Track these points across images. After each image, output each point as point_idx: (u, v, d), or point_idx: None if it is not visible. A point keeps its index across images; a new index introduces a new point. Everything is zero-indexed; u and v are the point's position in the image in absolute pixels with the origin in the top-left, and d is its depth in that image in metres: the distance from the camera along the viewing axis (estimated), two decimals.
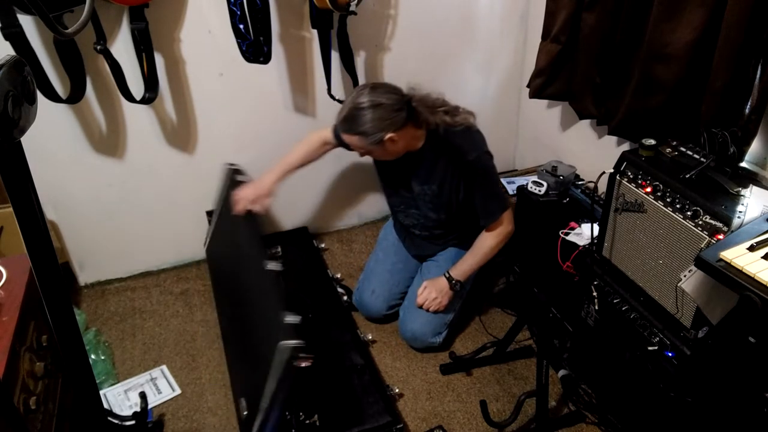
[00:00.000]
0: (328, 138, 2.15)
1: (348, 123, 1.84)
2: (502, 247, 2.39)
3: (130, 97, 2.09)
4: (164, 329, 2.30)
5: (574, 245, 1.82)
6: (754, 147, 1.61)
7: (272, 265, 1.74)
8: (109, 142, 2.26)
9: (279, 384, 1.44)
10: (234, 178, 2.17)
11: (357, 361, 1.95)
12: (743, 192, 1.36)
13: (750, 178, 1.45)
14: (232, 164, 2.26)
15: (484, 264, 2.09)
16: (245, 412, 1.65)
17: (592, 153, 2.34)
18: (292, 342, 1.42)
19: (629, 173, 1.56)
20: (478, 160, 1.93)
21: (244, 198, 2.04)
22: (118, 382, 2.05)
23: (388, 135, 1.82)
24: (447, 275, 2.07)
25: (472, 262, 2.07)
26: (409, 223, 2.20)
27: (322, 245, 2.64)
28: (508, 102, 2.80)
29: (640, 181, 1.53)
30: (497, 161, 2.86)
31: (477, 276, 2.25)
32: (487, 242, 2.04)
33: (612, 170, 1.61)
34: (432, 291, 2.08)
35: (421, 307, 2.08)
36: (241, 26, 2.02)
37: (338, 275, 2.44)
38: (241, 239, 2.05)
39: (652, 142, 1.56)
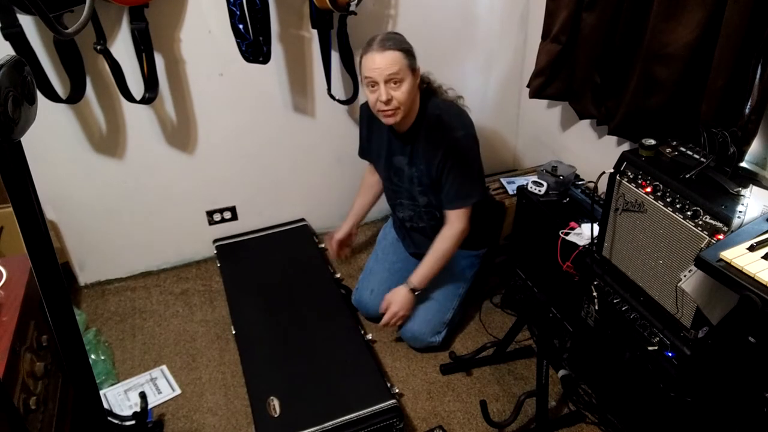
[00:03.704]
0: (368, 164, 2.29)
1: (390, 41, 1.83)
2: (502, 247, 2.41)
3: (130, 97, 2.09)
4: (164, 329, 2.30)
5: (574, 245, 1.82)
6: (754, 147, 1.61)
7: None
8: (109, 142, 2.27)
9: None
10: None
11: (357, 353, 1.98)
12: (743, 192, 1.36)
13: (750, 178, 1.45)
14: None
15: (443, 266, 2.05)
16: (276, 412, 1.74)
17: (592, 153, 2.34)
18: None
19: (629, 173, 1.56)
20: (465, 138, 1.92)
21: (329, 242, 2.37)
22: (118, 382, 2.06)
23: (418, 66, 1.87)
24: (408, 283, 2.03)
25: (433, 266, 2.03)
26: (405, 215, 2.19)
27: (322, 245, 2.64)
28: (508, 102, 2.80)
29: (640, 181, 1.53)
30: (497, 161, 2.90)
31: (477, 276, 2.25)
32: (446, 244, 2.00)
33: (612, 170, 1.61)
34: (394, 306, 2.03)
35: (386, 325, 2.06)
36: (241, 26, 2.02)
37: (338, 275, 2.44)
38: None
39: (652, 142, 1.56)
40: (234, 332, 2.14)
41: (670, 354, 1.50)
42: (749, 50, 1.49)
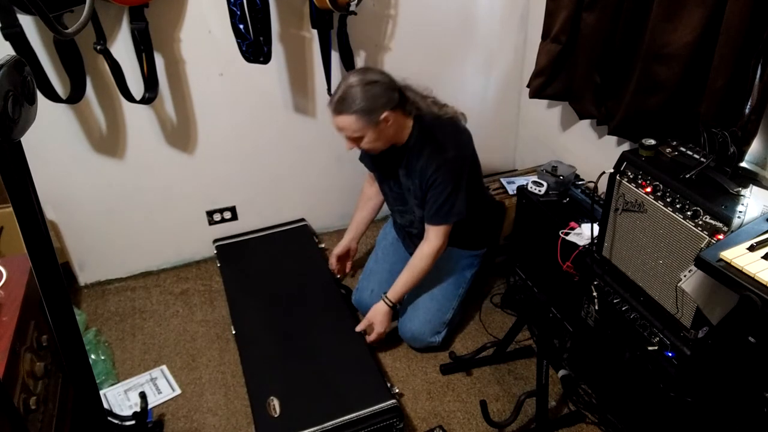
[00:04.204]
0: (368, 174, 2.28)
1: (343, 103, 1.80)
2: (502, 247, 2.41)
3: (130, 97, 2.09)
4: (164, 329, 2.30)
5: (574, 245, 1.82)
6: (754, 147, 1.61)
7: None
8: (109, 142, 2.27)
9: None
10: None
11: (357, 353, 1.98)
12: (743, 192, 1.36)
13: (750, 178, 1.45)
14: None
15: (418, 282, 2.06)
16: (276, 412, 1.74)
17: (592, 153, 2.34)
18: None
19: (629, 173, 1.56)
20: (455, 159, 1.90)
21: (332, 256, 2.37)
22: (118, 382, 2.06)
23: (384, 114, 1.81)
24: (385, 299, 2.04)
25: (408, 283, 2.04)
26: (405, 221, 2.20)
27: (322, 245, 2.64)
28: (508, 102, 2.80)
29: (640, 181, 1.53)
30: (497, 161, 2.90)
31: (477, 276, 2.25)
32: (423, 262, 2.00)
33: (612, 170, 1.61)
34: (379, 326, 2.05)
35: (373, 342, 2.08)
36: (241, 26, 2.02)
37: (338, 275, 2.44)
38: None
39: (652, 142, 1.56)
40: (234, 332, 2.14)
41: (670, 354, 1.50)
42: (749, 50, 1.49)
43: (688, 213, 1.38)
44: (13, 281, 1.42)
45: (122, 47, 2.07)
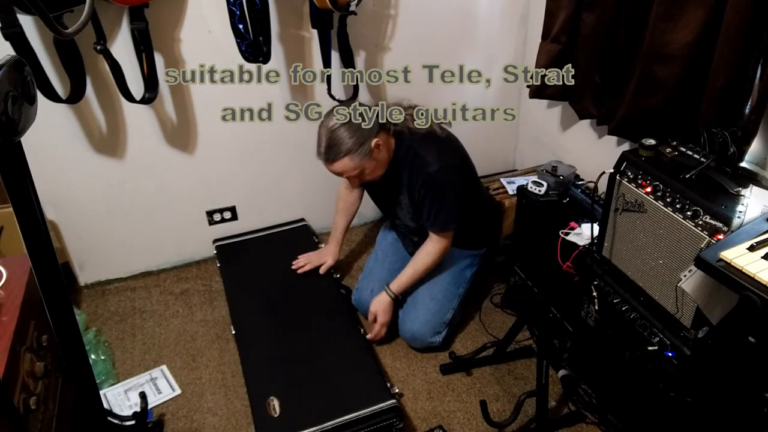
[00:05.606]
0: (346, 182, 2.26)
1: (332, 150, 1.84)
2: (502, 247, 2.41)
3: (130, 97, 2.09)
4: (164, 329, 2.30)
5: (574, 245, 1.82)
6: (754, 147, 1.61)
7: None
8: (109, 142, 2.27)
9: None
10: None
11: (357, 353, 1.99)
12: (743, 192, 1.36)
13: (750, 178, 1.45)
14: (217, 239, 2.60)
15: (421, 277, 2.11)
16: (276, 412, 1.74)
17: (592, 153, 2.34)
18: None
19: (629, 173, 1.56)
20: (439, 172, 1.91)
21: (309, 262, 2.35)
22: (118, 382, 2.06)
23: (374, 140, 1.84)
24: (388, 290, 2.09)
25: (413, 278, 2.08)
26: (404, 229, 2.22)
27: (322, 245, 2.64)
28: (508, 102, 2.80)
29: (640, 181, 1.53)
30: (497, 161, 2.90)
31: (477, 276, 2.25)
32: (429, 258, 2.05)
33: (612, 170, 1.61)
34: (381, 316, 2.09)
35: (375, 337, 2.12)
36: (241, 26, 2.02)
37: (338, 275, 2.44)
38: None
39: (652, 142, 1.56)
40: (234, 332, 2.14)
41: (670, 354, 1.50)
42: (749, 50, 1.49)
43: (688, 213, 1.38)
44: (13, 281, 1.42)
45: (122, 47, 2.07)
